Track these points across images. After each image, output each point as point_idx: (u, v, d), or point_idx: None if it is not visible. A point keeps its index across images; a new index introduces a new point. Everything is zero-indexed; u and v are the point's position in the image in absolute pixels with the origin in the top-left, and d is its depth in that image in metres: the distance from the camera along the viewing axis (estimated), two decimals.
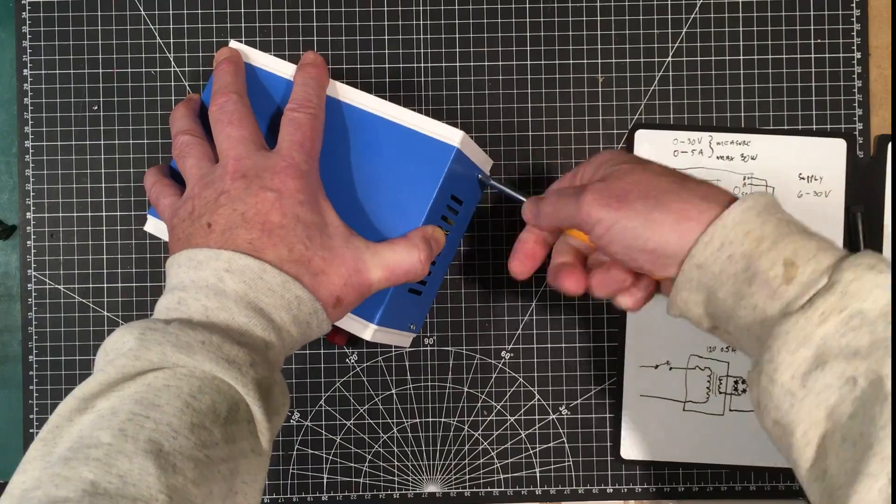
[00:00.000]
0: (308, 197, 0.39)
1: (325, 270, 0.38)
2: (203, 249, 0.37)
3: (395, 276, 0.40)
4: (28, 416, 0.54)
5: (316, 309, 0.38)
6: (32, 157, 0.54)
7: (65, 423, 0.32)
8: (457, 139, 0.42)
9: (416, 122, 0.43)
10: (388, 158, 0.43)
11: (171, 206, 0.42)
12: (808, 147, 0.54)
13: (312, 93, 0.42)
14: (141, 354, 0.33)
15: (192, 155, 0.42)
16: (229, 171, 0.39)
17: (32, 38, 0.54)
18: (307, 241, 0.38)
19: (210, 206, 0.38)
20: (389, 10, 0.54)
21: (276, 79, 0.45)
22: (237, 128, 0.41)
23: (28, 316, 0.54)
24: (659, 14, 0.54)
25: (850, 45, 0.54)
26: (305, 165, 0.40)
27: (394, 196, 0.43)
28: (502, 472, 0.54)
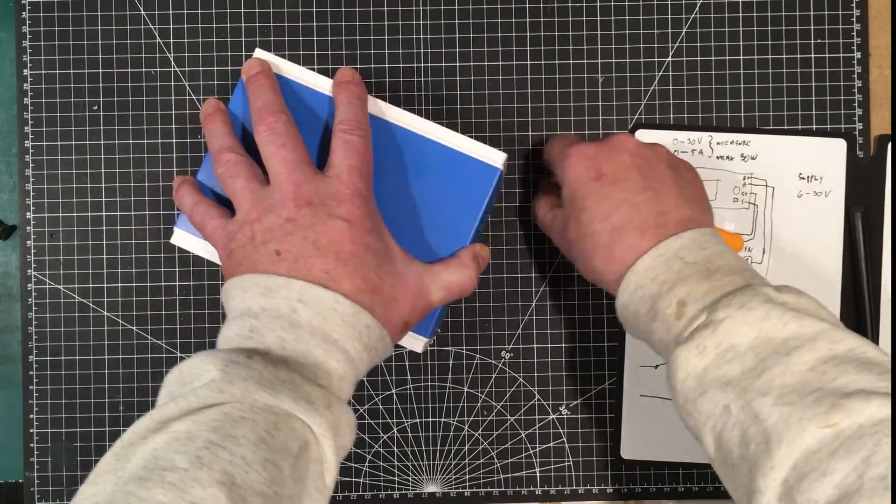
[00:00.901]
0: (373, 224, 0.40)
1: (395, 298, 0.40)
2: (272, 276, 0.37)
3: (452, 294, 0.43)
4: (28, 416, 0.54)
5: (383, 336, 0.39)
6: (32, 157, 0.54)
7: (139, 441, 0.32)
8: (500, 161, 0.45)
9: (459, 142, 0.45)
10: (431, 179, 0.44)
11: (222, 229, 0.41)
12: (808, 147, 0.54)
13: (360, 113, 0.43)
14: (224, 388, 0.33)
15: (241, 175, 0.41)
16: (291, 198, 0.39)
17: (32, 38, 0.54)
18: (378, 269, 0.39)
19: (276, 233, 0.38)
20: (389, 10, 0.54)
21: (314, 94, 0.45)
22: (290, 150, 0.40)
23: (28, 316, 0.54)
24: (659, 14, 0.54)
25: (850, 45, 0.54)
26: (366, 191, 0.41)
27: (438, 218, 0.44)
28: (502, 472, 0.54)
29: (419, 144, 0.45)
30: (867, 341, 0.35)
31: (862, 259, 0.53)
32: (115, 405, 0.54)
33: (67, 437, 0.54)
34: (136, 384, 0.54)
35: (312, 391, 0.35)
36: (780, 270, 0.53)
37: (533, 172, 0.54)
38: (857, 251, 0.53)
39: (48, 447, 0.54)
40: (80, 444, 0.54)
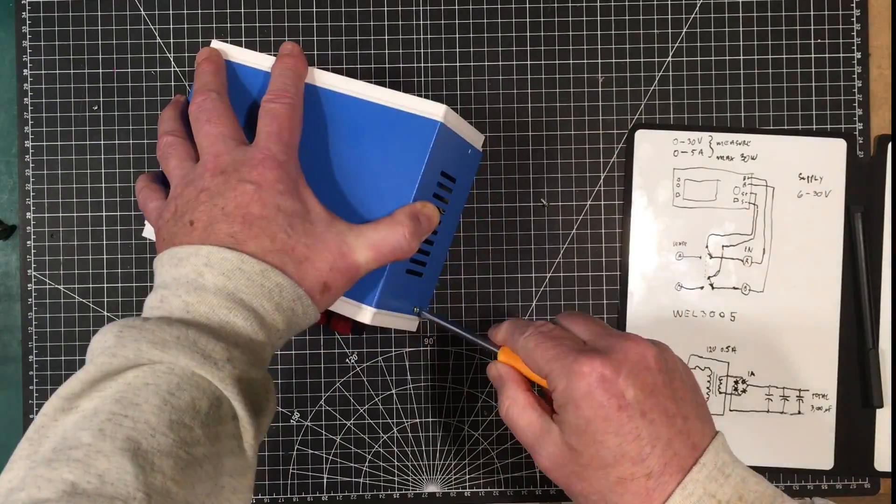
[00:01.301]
0: (287, 186, 0.39)
1: (309, 257, 0.38)
2: (185, 247, 0.37)
3: (382, 254, 0.40)
4: (28, 416, 0.54)
5: (299, 295, 0.37)
6: (32, 157, 0.54)
7: (50, 423, 0.32)
8: (440, 114, 0.42)
9: (397, 100, 0.43)
10: (372, 141, 0.43)
11: (156, 210, 0.42)
12: (808, 147, 0.54)
13: (289, 82, 0.42)
14: (118, 352, 0.33)
15: (174, 156, 0.42)
16: (209, 169, 0.39)
17: (32, 38, 0.54)
18: (289, 229, 0.38)
19: (191, 204, 0.38)
20: (389, 9, 0.54)
21: (255, 73, 0.45)
22: (215, 125, 0.41)
23: (28, 316, 0.54)
24: (659, 14, 0.54)
25: (850, 45, 0.54)
26: (283, 156, 0.40)
27: (381, 179, 0.42)
28: (502, 472, 0.54)
29: (357, 108, 0.43)
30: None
31: (862, 259, 0.53)
32: None
33: None
34: None
35: (209, 345, 0.34)
36: (780, 270, 0.53)
37: (533, 172, 0.54)
38: (857, 251, 0.53)
39: None
40: None
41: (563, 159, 0.54)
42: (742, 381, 0.54)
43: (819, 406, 0.54)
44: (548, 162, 0.54)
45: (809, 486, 0.54)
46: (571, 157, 0.54)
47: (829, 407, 0.53)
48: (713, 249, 0.54)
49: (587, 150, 0.54)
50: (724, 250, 0.54)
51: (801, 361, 0.54)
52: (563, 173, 0.54)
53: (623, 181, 0.54)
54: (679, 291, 0.54)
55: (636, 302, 0.54)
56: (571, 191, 0.54)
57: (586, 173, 0.54)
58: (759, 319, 0.53)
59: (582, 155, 0.54)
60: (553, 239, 0.54)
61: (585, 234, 0.54)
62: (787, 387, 0.54)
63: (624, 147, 0.54)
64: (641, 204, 0.54)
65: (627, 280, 0.54)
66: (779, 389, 0.53)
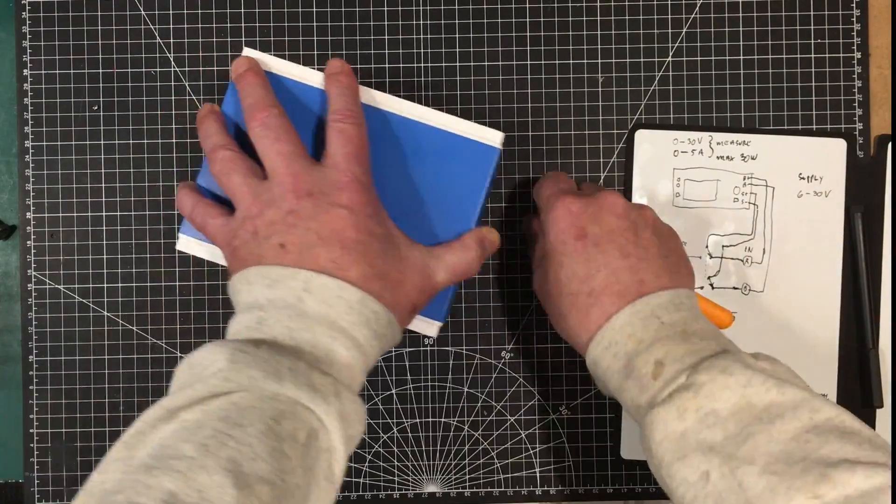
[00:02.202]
0: (375, 210, 0.40)
1: (402, 281, 0.40)
2: (276, 267, 0.37)
3: (456, 275, 0.43)
4: (28, 416, 0.54)
5: (391, 321, 0.39)
6: (32, 157, 0.54)
7: (148, 430, 0.33)
8: (497, 141, 0.45)
9: (454, 125, 0.45)
10: (431, 163, 0.45)
11: (224, 227, 0.41)
12: (808, 147, 0.54)
13: (351, 101, 0.43)
14: (231, 377, 0.34)
15: (237, 172, 0.41)
16: (291, 189, 0.39)
17: (32, 38, 0.54)
18: (383, 254, 0.39)
19: (278, 225, 0.38)
20: (389, 9, 0.54)
21: (299, 86, 0.45)
22: (285, 143, 0.41)
23: (28, 316, 0.54)
24: (659, 14, 0.54)
25: (850, 45, 0.54)
26: (364, 177, 0.41)
27: (441, 201, 0.44)
28: (502, 472, 0.54)
29: (415, 130, 0.45)
30: (843, 410, 0.36)
31: (862, 259, 0.53)
32: (115, 405, 0.54)
33: (67, 437, 0.54)
34: (136, 384, 0.54)
35: (318, 379, 0.35)
36: (780, 270, 0.53)
37: (533, 172, 0.54)
38: (857, 251, 0.53)
39: (48, 447, 0.54)
40: (80, 444, 0.54)
41: (563, 159, 0.54)
42: None
43: None
44: (548, 162, 0.54)
45: None
46: (571, 157, 0.54)
47: None
48: (713, 249, 0.54)
49: (587, 150, 0.54)
50: (724, 250, 0.54)
51: (801, 361, 0.53)
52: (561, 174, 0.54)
53: (623, 181, 0.54)
54: None
55: None
56: None
57: (586, 173, 0.54)
58: (759, 319, 0.53)
59: (582, 155, 0.54)
60: None
61: None
62: None
63: (624, 147, 0.54)
64: None
65: None
66: None
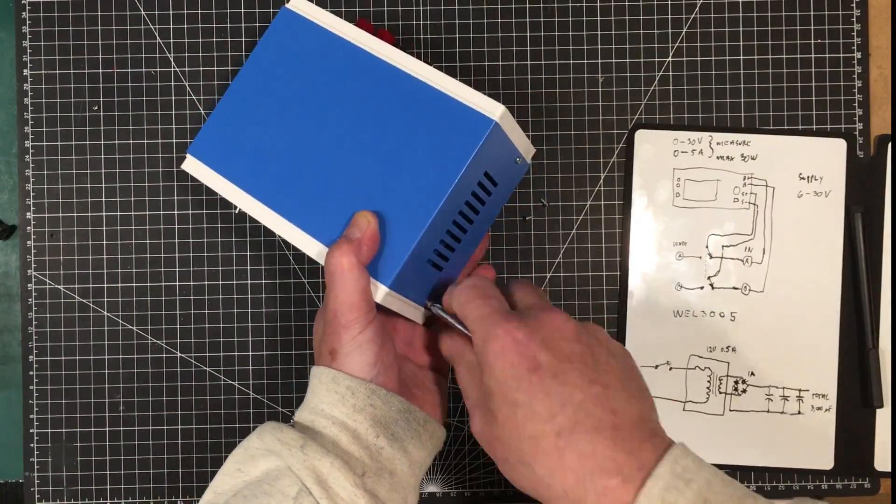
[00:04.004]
0: None
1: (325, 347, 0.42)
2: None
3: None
4: (28, 416, 0.54)
5: (315, 372, 0.41)
6: (32, 157, 0.54)
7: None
8: (497, 113, 0.40)
9: (456, 89, 0.42)
10: (419, 123, 0.42)
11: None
12: (808, 147, 0.54)
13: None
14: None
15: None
16: None
17: (32, 38, 0.54)
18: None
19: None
20: (390, 9, 0.54)
21: (340, 41, 0.44)
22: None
23: (28, 316, 0.54)
24: (659, 14, 0.54)
25: (850, 45, 0.54)
26: None
27: (420, 164, 0.41)
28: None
29: (409, 85, 0.42)
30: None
31: (862, 259, 0.53)
32: (115, 405, 0.54)
33: (67, 437, 0.54)
34: (136, 384, 0.54)
35: (288, 434, 0.38)
36: (780, 270, 0.53)
37: (533, 172, 0.54)
38: (857, 251, 0.53)
39: (48, 447, 0.54)
40: (80, 444, 0.54)
41: (563, 159, 0.54)
42: (742, 381, 0.54)
43: (819, 406, 0.54)
44: (548, 162, 0.54)
45: (809, 486, 0.54)
46: (571, 157, 0.54)
47: (829, 407, 0.53)
48: (713, 249, 0.54)
49: (587, 150, 0.54)
50: (724, 250, 0.54)
51: (801, 361, 0.54)
52: (563, 173, 0.54)
53: (623, 181, 0.54)
54: (679, 291, 0.54)
55: (636, 302, 0.54)
56: (571, 191, 0.54)
57: (586, 173, 0.54)
58: (759, 319, 0.53)
59: (582, 155, 0.54)
60: (553, 239, 0.54)
61: (585, 234, 0.54)
62: (787, 387, 0.54)
63: (624, 147, 0.54)
64: (641, 204, 0.54)
65: (627, 280, 0.54)
66: (779, 389, 0.53)
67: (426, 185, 0.41)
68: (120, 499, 0.54)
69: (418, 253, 0.42)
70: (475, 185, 0.43)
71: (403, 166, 0.42)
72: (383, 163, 0.42)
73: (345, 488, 0.37)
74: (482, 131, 0.41)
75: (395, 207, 0.41)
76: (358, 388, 0.39)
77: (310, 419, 0.40)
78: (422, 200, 0.41)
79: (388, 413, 0.40)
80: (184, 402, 0.54)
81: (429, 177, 0.41)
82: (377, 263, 0.41)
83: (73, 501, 0.54)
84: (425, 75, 0.42)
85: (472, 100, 0.41)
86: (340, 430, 0.39)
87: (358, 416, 0.39)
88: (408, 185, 0.41)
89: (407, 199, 0.41)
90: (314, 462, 0.37)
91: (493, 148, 0.42)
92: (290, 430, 0.39)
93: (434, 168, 0.41)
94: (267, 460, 0.38)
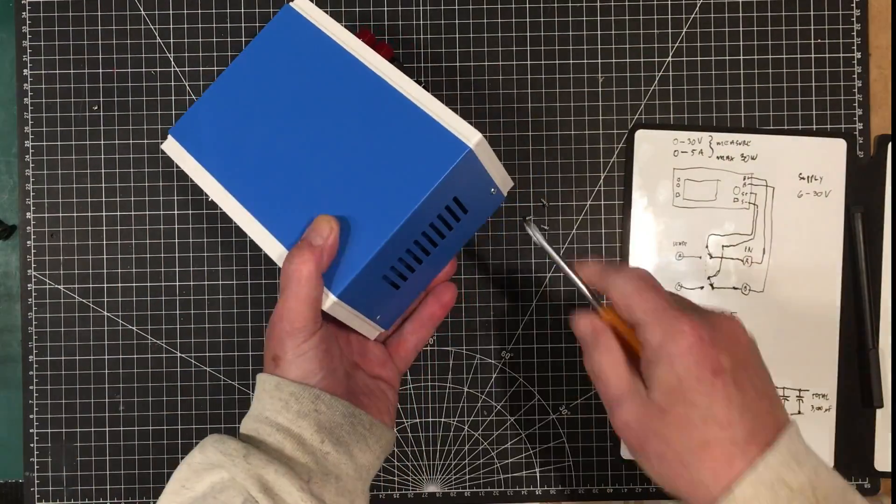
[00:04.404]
0: None
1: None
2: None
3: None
4: (28, 416, 0.54)
5: (260, 379, 0.41)
6: (32, 157, 0.54)
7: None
8: (473, 140, 0.40)
9: (439, 112, 0.41)
10: (399, 139, 0.42)
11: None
12: (808, 147, 0.54)
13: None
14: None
15: None
16: None
17: (32, 38, 0.54)
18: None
19: None
20: (390, 9, 0.54)
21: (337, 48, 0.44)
22: None
23: (28, 316, 0.54)
24: (659, 14, 0.54)
25: (850, 45, 0.54)
26: None
27: (387, 179, 0.41)
28: (502, 472, 0.54)
29: (397, 102, 0.42)
30: None
31: (862, 259, 0.53)
32: (115, 405, 0.54)
33: (67, 437, 0.54)
34: (136, 384, 0.54)
35: (231, 445, 0.38)
36: (780, 270, 0.53)
37: (533, 172, 0.54)
38: (857, 251, 0.53)
39: (48, 447, 0.54)
40: (80, 444, 0.54)
41: (563, 159, 0.54)
42: None
43: (819, 406, 0.54)
44: (548, 162, 0.54)
45: None
46: (571, 157, 0.54)
47: (829, 407, 0.53)
48: (713, 249, 0.54)
49: (587, 150, 0.54)
50: (724, 250, 0.54)
51: (801, 361, 0.54)
52: (563, 173, 0.54)
53: (623, 181, 0.54)
54: (679, 291, 0.54)
55: None
56: (571, 191, 0.54)
57: (586, 173, 0.54)
58: (759, 319, 0.53)
59: (582, 155, 0.54)
60: (553, 239, 0.54)
61: (585, 234, 0.54)
62: (786, 387, 0.54)
63: (624, 147, 0.54)
64: (641, 204, 0.54)
65: None
66: (779, 389, 0.53)
67: (391, 200, 0.41)
68: (120, 499, 0.54)
69: (374, 267, 0.41)
70: (443, 208, 0.42)
71: (373, 179, 0.42)
72: (354, 172, 0.42)
73: (291, 494, 0.37)
74: (455, 156, 0.40)
75: (358, 218, 0.41)
76: (302, 393, 0.40)
77: (254, 427, 0.40)
78: (385, 215, 0.41)
79: (332, 418, 0.40)
80: (184, 402, 0.54)
81: (396, 193, 0.41)
82: (331, 270, 0.41)
83: (73, 501, 0.54)
84: (412, 93, 0.42)
85: (452, 124, 0.41)
86: (285, 437, 0.39)
87: (302, 421, 0.39)
88: (374, 197, 0.41)
89: (370, 212, 0.41)
90: (258, 471, 0.37)
91: (466, 175, 0.42)
92: (232, 441, 0.38)
93: (403, 185, 0.41)
94: (211, 474, 0.38)
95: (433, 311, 0.47)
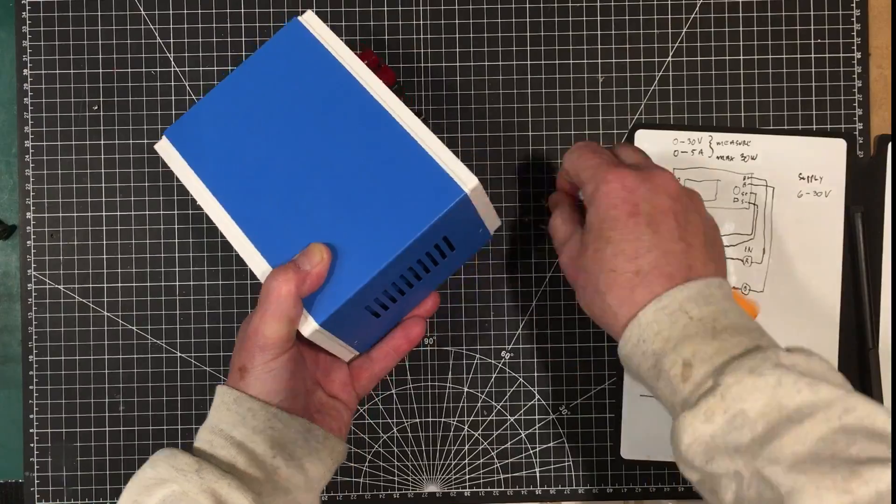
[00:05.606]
0: None
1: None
2: None
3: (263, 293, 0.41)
4: (28, 416, 0.54)
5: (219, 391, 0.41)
6: (32, 157, 0.54)
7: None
8: (469, 185, 0.41)
9: (438, 151, 0.42)
10: (395, 174, 0.42)
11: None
12: (808, 147, 0.54)
13: None
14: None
15: None
16: None
17: (32, 38, 0.54)
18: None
19: None
20: (389, 9, 0.54)
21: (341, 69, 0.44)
22: None
23: (28, 316, 0.54)
24: (659, 14, 0.54)
25: (850, 45, 0.54)
26: None
27: (380, 212, 0.41)
28: (502, 472, 0.54)
29: (397, 135, 0.42)
30: (879, 407, 0.35)
31: (862, 259, 0.53)
32: (115, 405, 0.54)
33: (67, 437, 0.54)
34: (136, 384, 0.54)
35: (182, 460, 0.39)
36: (780, 270, 0.53)
37: (533, 172, 0.54)
38: (857, 251, 0.53)
39: (48, 447, 0.54)
40: (80, 444, 0.54)
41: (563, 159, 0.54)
42: None
43: None
44: (548, 162, 0.54)
45: None
46: None
47: None
48: None
49: None
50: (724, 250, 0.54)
51: None
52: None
53: None
54: None
55: None
56: None
57: None
58: (759, 319, 0.53)
59: None
60: None
61: None
62: None
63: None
64: None
65: None
66: None
67: (383, 235, 0.41)
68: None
69: (359, 299, 0.41)
70: (431, 246, 0.43)
71: (366, 211, 0.42)
72: (348, 202, 0.42)
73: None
74: (451, 199, 0.41)
75: (348, 248, 0.41)
76: (259, 410, 0.40)
77: (208, 439, 0.40)
78: (375, 250, 0.41)
79: (286, 434, 0.41)
80: (184, 402, 0.54)
81: (388, 228, 0.41)
82: (315, 297, 0.41)
83: (73, 501, 0.54)
84: (412, 128, 0.42)
85: (450, 165, 0.41)
86: (238, 452, 0.39)
87: (256, 437, 0.40)
88: (366, 230, 0.41)
89: (361, 244, 0.41)
90: (211, 484, 0.38)
91: (458, 216, 0.42)
92: (184, 456, 0.39)
93: (395, 221, 0.41)
94: (162, 489, 0.38)
95: (399, 343, 0.48)
